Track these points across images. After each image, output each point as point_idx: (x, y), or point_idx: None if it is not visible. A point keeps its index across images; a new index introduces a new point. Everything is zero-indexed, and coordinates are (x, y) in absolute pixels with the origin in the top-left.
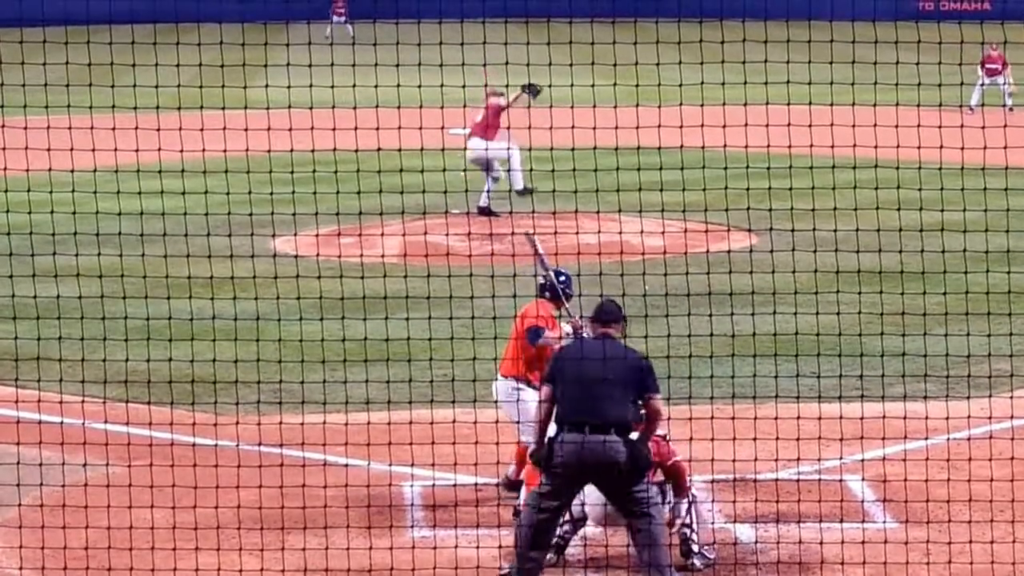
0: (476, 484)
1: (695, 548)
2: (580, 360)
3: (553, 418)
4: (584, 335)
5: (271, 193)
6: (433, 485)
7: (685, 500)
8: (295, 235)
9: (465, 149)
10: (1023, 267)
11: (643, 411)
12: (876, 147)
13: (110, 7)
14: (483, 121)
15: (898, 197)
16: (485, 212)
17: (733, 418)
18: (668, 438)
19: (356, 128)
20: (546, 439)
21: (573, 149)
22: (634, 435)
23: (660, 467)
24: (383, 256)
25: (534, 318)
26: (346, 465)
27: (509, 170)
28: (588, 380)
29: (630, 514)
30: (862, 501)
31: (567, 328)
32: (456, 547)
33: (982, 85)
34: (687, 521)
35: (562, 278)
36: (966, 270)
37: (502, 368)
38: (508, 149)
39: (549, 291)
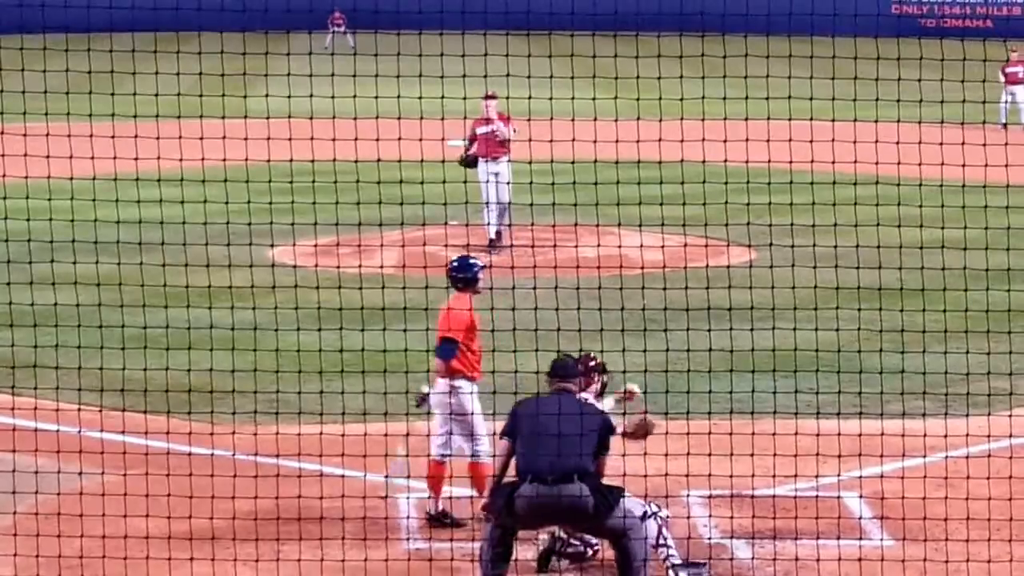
0: (472, 497)
1: (678, 561)
2: (538, 415)
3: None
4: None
5: (270, 203)
6: (429, 497)
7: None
8: (294, 245)
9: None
10: (1023, 285)
11: None
12: (877, 164)
13: (111, 15)
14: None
15: (898, 214)
16: (496, 238)
17: (731, 434)
18: None
19: (356, 139)
20: (500, 488)
21: (573, 162)
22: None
23: None
24: (382, 267)
25: (462, 310)
26: (342, 476)
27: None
28: (548, 434)
29: (606, 538)
30: (859, 518)
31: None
32: (451, 559)
33: (1006, 102)
34: (662, 542)
35: (458, 264)
36: (966, 288)
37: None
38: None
39: (460, 283)
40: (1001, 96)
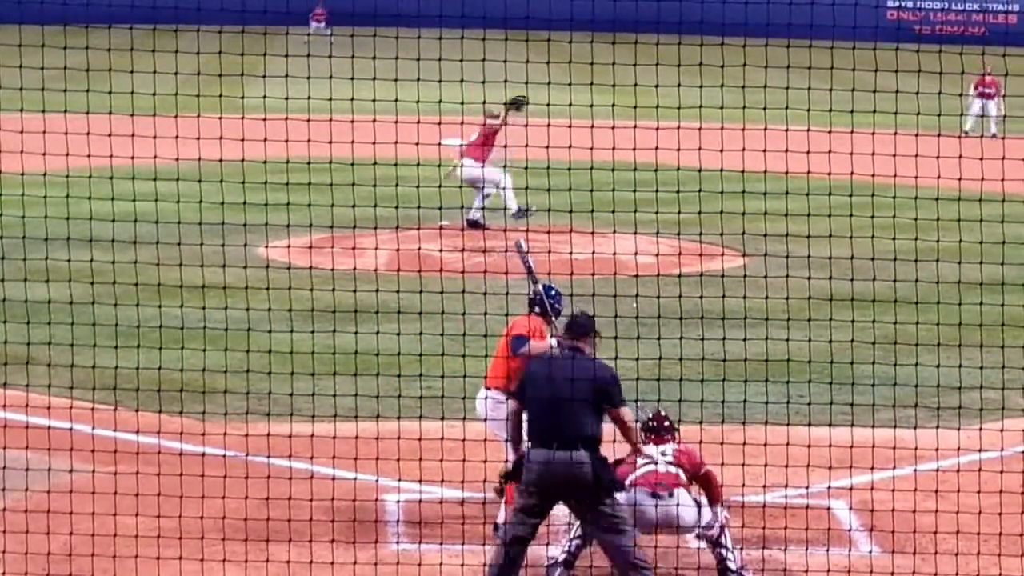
0: (462, 500)
1: (732, 567)
2: (548, 377)
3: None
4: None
5: (266, 204)
6: (420, 500)
7: (719, 506)
8: (288, 244)
9: (460, 166)
10: (1016, 298)
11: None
12: (873, 175)
13: (109, 7)
14: (479, 140)
15: (894, 224)
16: (474, 225)
17: (722, 443)
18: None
19: (353, 141)
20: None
21: (570, 168)
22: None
23: (693, 477)
24: (376, 268)
25: (522, 330)
26: (333, 477)
27: (504, 189)
28: (555, 397)
29: (599, 530)
30: (849, 529)
31: (554, 342)
32: (441, 564)
33: (979, 115)
34: (722, 542)
35: (552, 293)
36: (960, 300)
37: (488, 381)
38: (503, 170)
39: (539, 306)
40: (971, 106)
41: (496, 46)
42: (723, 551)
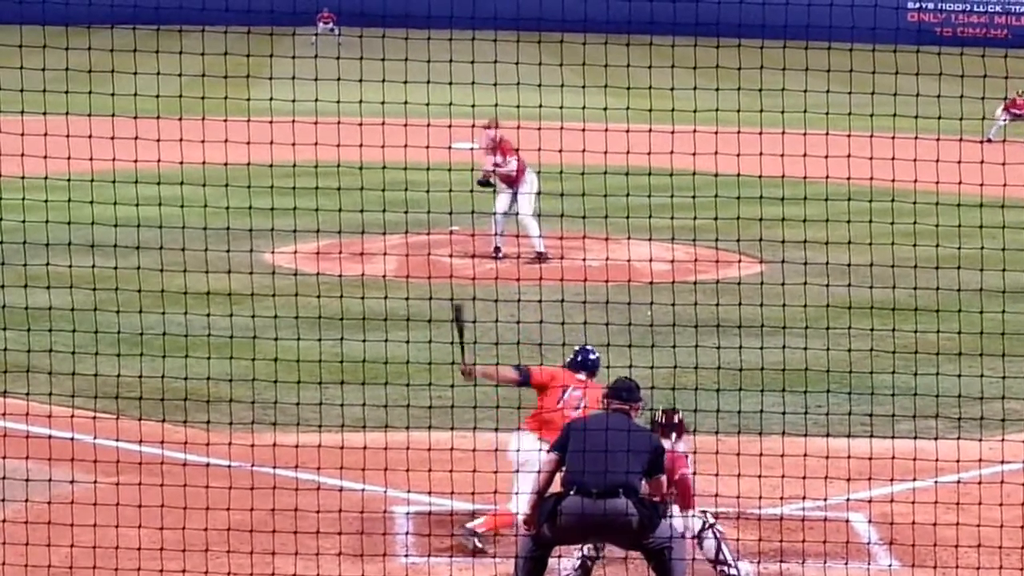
0: (473, 512)
1: None
2: (592, 430)
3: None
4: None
5: (272, 208)
6: (430, 512)
7: (691, 513)
8: (295, 250)
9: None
10: None
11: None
12: (893, 180)
13: (112, 8)
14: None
15: (914, 231)
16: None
17: (738, 453)
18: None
19: (361, 144)
20: (544, 500)
21: (583, 173)
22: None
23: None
24: (385, 274)
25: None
26: (340, 489)
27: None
28: (598, 449)
29: (647, 555)
30: (868, 542)
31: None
32: None
33: (1004, 122)
34: (723, 558)
35: (592, 357)
36: (982, 309)
37: (531, 424)
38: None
39: (576, 366)
40: (996, 113)
41: (508, 48)
42: (725, 568)
